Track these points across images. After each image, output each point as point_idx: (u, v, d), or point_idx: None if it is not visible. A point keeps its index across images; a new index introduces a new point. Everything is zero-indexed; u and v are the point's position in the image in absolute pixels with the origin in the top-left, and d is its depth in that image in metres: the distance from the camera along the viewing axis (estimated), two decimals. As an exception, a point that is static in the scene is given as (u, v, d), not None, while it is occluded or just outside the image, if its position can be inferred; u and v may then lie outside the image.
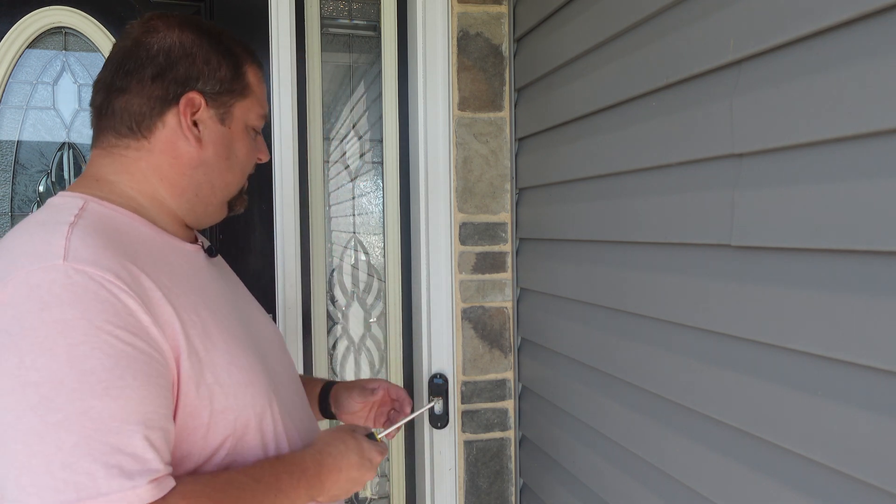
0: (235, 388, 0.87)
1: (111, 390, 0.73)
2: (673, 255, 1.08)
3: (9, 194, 1.60)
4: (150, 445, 0.75)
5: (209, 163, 0.94)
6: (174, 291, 0.84)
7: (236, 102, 0.95)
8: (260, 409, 0.90)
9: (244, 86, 0.96)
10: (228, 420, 0.86)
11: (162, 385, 0.79)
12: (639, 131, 1.16)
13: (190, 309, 0.85)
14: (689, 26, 1.01)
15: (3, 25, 1.57)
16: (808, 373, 0.81)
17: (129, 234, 0.86)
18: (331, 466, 0.96)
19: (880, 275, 0.72)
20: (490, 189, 1.76)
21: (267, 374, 0.95)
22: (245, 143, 0.98)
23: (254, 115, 0.98)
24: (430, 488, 1.76)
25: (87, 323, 0.73)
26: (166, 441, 0.79)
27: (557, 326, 1.52)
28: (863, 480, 0.74)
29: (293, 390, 1.06)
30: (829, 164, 0.78)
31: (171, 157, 0.92)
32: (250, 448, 0.90)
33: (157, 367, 0.78)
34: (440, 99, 1.73)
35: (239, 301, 1.02)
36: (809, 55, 0.80)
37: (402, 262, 1.86)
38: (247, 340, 0.94)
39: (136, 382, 0.75)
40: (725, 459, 0.96)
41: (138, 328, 0.77)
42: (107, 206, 0.88)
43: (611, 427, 1.28)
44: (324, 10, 1.80)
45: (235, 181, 0.99)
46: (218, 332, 0.88)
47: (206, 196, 0.95)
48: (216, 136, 0.94)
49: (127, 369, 0.75)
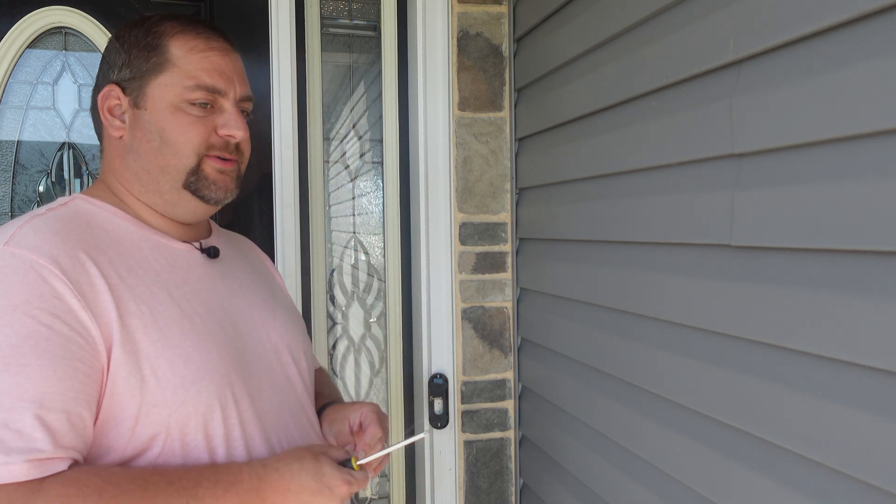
0: (176, 382, 0.85)
1: (10, 367, 0.76)
2: (673, 255, 1.08)
3: (9, 194, 1.60)
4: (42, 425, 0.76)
5: (137, 148, 0.95)
6: (129, 282, 0.87)
7: (150, 81, 0.94)
8: (205, 409, 0.87)
9: (162, 61, 0.93)
10: (162, 415, 0.84)
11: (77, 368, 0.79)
12: (639, 131, 1.16)
13: (143, 300, 0.87)
14: (689, 26, 1.01)
15: (3, 25, 1.57)
16: (808, 373, 0.81)
17: (100, 227, 0.91)
18: (275, 485, 0.86)
19: (880, 275, 0.72)
20: (490, 189, 1.76)
21: (236, 378, 0.91)
22: (176, 120, 0.93)
23: (179, 87, 0.93)
24: (430, 488, 1.76)
25: (6, 301, 0.78)
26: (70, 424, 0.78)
27: (557, 326, 1.52)
28: (863, 480, 0.74)
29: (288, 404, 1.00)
30: (829, 164, 0.78)
31: (112, 152, 0.97)
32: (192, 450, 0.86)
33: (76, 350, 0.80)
34: (440, 99, 1.73)
35: (238, 304, 1.00)
36: (809, 55, 0.80)
37: (402, 262, 1.86)
38: (220, 341, 0.92)
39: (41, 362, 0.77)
40: (725, 459, 0.96)
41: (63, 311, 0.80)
42: (93, 202, 0.94)
43: (611, 427, 1.28)
44: (324, 10, 1.80)
45: (173, 163, 0.93)
46: (175, 326, 0.88)
47: (149, 183, 0.95)
48: (133, 121, 0.95)
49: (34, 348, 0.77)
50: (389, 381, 1.88)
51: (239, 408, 0.91)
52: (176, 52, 0.94)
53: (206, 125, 0.94)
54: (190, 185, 0.95)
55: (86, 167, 1.64)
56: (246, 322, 1.00)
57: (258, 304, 1.05)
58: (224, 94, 0.96)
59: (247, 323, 1.00)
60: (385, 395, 1.88)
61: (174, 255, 0.95)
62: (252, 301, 1.04)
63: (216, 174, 0.96)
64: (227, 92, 0.96)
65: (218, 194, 0.97)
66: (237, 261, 1.08)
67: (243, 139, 0.98)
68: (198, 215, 0.99)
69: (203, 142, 0.94)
